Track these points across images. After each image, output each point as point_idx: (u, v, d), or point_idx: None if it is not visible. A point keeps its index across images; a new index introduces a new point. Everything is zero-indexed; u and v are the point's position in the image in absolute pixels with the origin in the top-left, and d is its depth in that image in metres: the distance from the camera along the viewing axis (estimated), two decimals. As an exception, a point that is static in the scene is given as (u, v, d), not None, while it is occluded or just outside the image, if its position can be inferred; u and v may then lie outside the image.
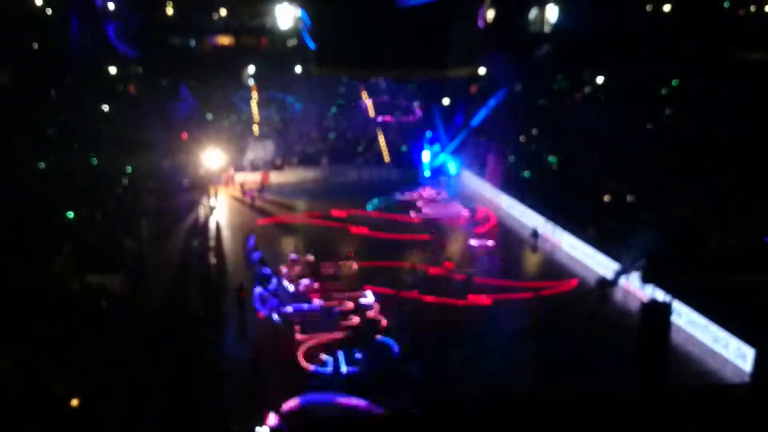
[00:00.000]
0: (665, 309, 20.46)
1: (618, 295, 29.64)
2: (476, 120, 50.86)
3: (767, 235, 30.18)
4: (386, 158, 51.30)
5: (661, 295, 25.78)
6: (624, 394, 20.89)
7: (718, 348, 24.80)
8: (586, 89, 54.44)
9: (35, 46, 53.33)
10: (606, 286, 29.52)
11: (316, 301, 28.39)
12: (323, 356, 23.97)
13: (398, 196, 44.28)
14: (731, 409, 20.87)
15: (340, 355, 24.13)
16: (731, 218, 31.51)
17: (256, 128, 52.97)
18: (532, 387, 22.62)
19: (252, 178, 46.25)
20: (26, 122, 42.57)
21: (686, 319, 26.10)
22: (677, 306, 25.19)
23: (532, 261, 34.46)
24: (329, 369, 23.43)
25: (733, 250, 29.57)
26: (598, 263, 31.95)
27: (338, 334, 25.70)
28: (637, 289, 28.89)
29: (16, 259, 27.08)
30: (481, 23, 50.76)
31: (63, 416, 19.60)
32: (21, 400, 19.55)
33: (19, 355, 21.36)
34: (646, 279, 27.76)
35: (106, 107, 50.36)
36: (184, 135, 48.53)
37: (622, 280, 29.38)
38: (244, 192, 43.88)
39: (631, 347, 21.55)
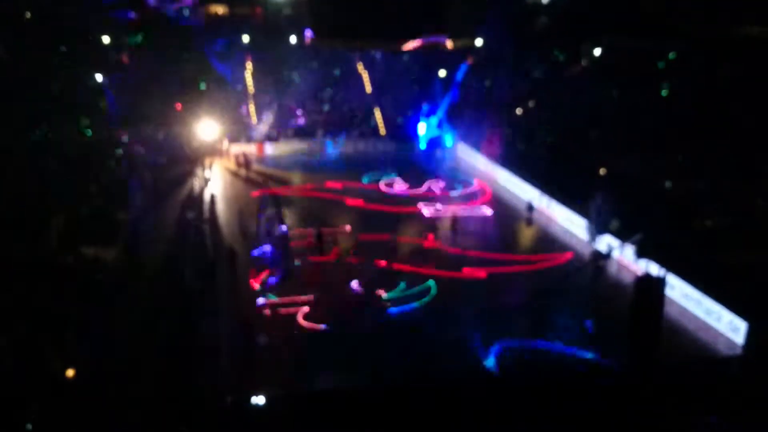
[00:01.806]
0: (659, 283, 20.56)
1: (612, 268, 29.73)
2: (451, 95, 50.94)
3: (763, 212, 30.30)
4: (382, 131, 51.07)
5: (655, 269, 25.90)
6: (617, 366, 21.06)
7: (711, 321, 24.92)
8: (583, 62, 54.10)
9: (27, 15, 52.71)
10: (600, 259, 29.60)
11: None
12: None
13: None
14: (723, 382, 21.08)
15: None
16: (727, 194, 31.60)
17: (250, 99, 52.63)
18: (525, 360, 22.77)
19: (247, 150, 45.97)
20: (19, 93, 42.18)
21: (680, 293, 26.19)
22: (671, 280, 25.27)
23: (527, 234, 34.48)
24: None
25: (728, 225, 29.69)
26: (594, 238, 31.96)
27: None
28: (631, 262, 28.96)
29: (10, 233, 27.03)
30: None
31: (59, 389, 19.70)
32: (17, 374, 19.61)
33: (14, 328, 21.38)
34: (640, 253, 27.85)
35: (99, 77, 49.90)
36: (179, 106, 48.24)
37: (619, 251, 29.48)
38: (239, 163, 43.68)
39: (625, 320, 21.70)
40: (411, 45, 47.15)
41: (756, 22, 45.46)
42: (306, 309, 25.37)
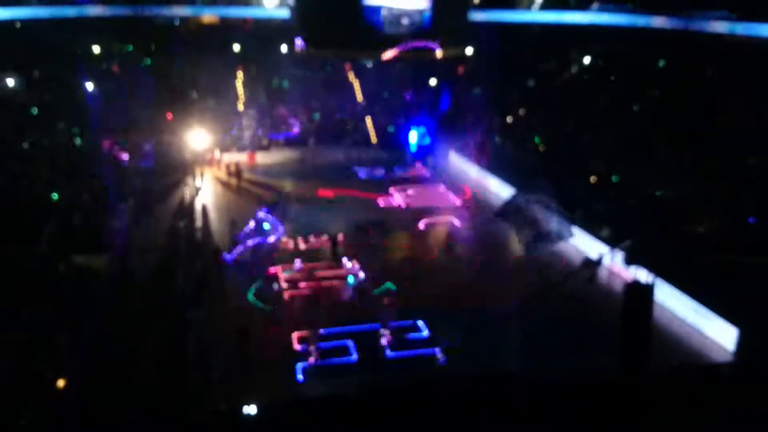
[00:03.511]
0: (648, 290, 20.58)
1: (603, 275, 29.78)
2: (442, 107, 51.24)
3: (752, 216, 30.41)
4: (373, 139, 51.15)
5: (644, 276, 25.92)
6: (607, 374, 21.07)
7: (701, 328, 25.01)
8: (573, 69, 54.41)
9: (17, 25, 52.79)
10: (592, 266, 29.62)
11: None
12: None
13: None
14: (714, 389, 21.12)
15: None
16: (717, 199, 31.73)
17: (241, 108, 52.69)
18: (516, 367, 22.79)
19: (238, 159, 45.89)
20: (9, 102, 42.17)
21: (670, 300, 26.29)
22: (661, 287, 25.33)
23: (518, 243, 34.47)
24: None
25: (718, 231, 29.80)
26: (584, 244, 32.06)
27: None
28: (622, 269, 29.02)
29: (1, 241, 26.93)
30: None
31: (51, 398, 19.61)
32: (8, 383, 19.52)
33: (5, 337, 21.29)
34: (629, 260, 27.89)
35: (90, 86, 49.91)
36: (169, 115, 48.25)
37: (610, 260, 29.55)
38: (229, 172, 43.60)
39: (615, 328, 21.69)
40: (391, 53, 43.97)
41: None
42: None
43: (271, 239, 32.04)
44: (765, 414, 18.58)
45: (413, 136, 49.54)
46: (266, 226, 31.85)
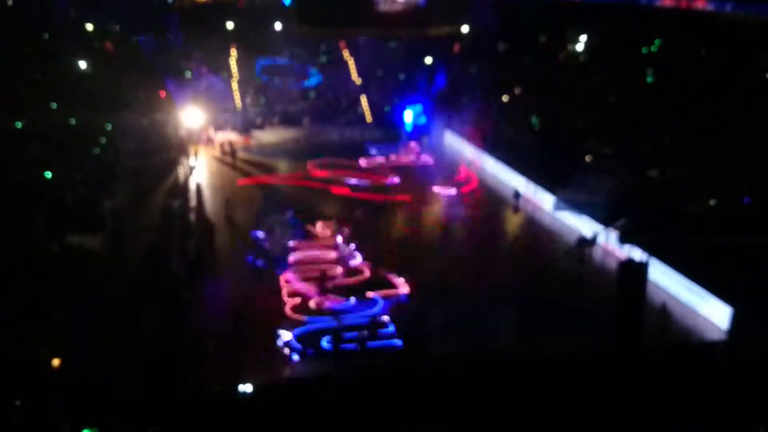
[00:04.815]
0: (642, 268, 20.63)
1: (598, 254, 29.84)
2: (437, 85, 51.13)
3: (746, 195, 30.47)
4: (368, 118, 50.92)
5: (638, 254, 26.01)
6: (601, 352, 21.17)
7: (695, 306, 25.09)
8: (570, 48, 54.20)
9: (10, 2, 52.37)
10: (586, 245, 29.68)
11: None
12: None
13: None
14: (708, 367, 21.27)
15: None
16: (711, 178, 31.76)
17: (235, 86, 52.43)
18: (511, 346, 22.87)
19: (232, 138, 45.67)
20: (1, 80, 41.86)
21: (664, 279, 26.33)
22: (655, 265, 25.38)
23: (513, 221, 34.56)
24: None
25: (712, 211, 29.86)
26: (578, 223, 32.08)
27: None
28: (616, 248, 29.09)
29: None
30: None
31: (45, 377, 19.64)
32: (3, 362, 19.54)
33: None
34: (624, 238, 27.97)
35: (83, 64, 49.56)
36: (162, 93, 47.97)
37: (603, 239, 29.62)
38: (224, 151, 43.39)
39: (610, 306, 21.80)
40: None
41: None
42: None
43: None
44: (756, 391, 18.76)
45: (409, 116, 49.26)
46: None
